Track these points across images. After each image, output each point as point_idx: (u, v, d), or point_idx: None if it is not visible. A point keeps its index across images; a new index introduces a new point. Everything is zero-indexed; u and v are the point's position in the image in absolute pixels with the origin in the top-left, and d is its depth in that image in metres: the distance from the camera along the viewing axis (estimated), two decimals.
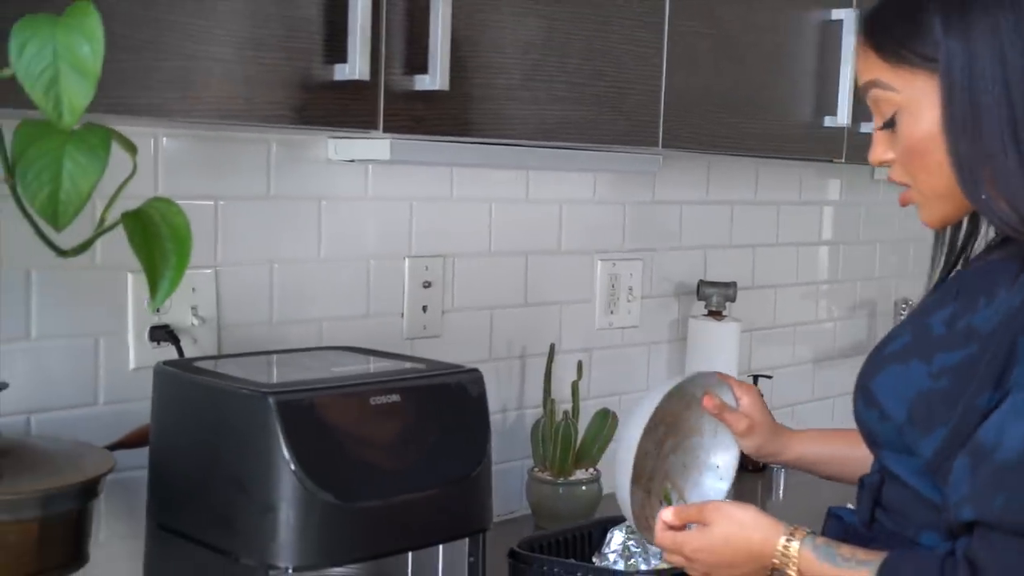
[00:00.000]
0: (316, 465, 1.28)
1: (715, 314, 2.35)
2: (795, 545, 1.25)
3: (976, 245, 1.34)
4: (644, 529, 1.51)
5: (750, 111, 1.84)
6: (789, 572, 1.25)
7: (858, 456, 1.40)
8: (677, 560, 1.36)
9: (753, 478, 2.40)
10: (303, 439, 1.27)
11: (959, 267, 1.34)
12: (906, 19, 1.22)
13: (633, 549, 1.66)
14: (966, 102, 1.18)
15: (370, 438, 1.34)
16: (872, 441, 1.28)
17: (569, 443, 1.99)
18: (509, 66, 1.48)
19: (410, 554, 1.49)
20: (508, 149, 1.64)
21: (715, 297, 2.35)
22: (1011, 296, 1.17)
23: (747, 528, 1.29)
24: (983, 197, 1.19)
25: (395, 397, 1.35)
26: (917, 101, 1.22)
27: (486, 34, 1.45)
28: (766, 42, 1.85)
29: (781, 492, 2.37)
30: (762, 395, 1.59)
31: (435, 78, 1.36)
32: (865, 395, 1.26)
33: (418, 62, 1.37)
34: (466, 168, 1.95)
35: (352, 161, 1.76)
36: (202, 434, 1.36)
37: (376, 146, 1.62)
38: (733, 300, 2.36)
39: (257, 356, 1.57)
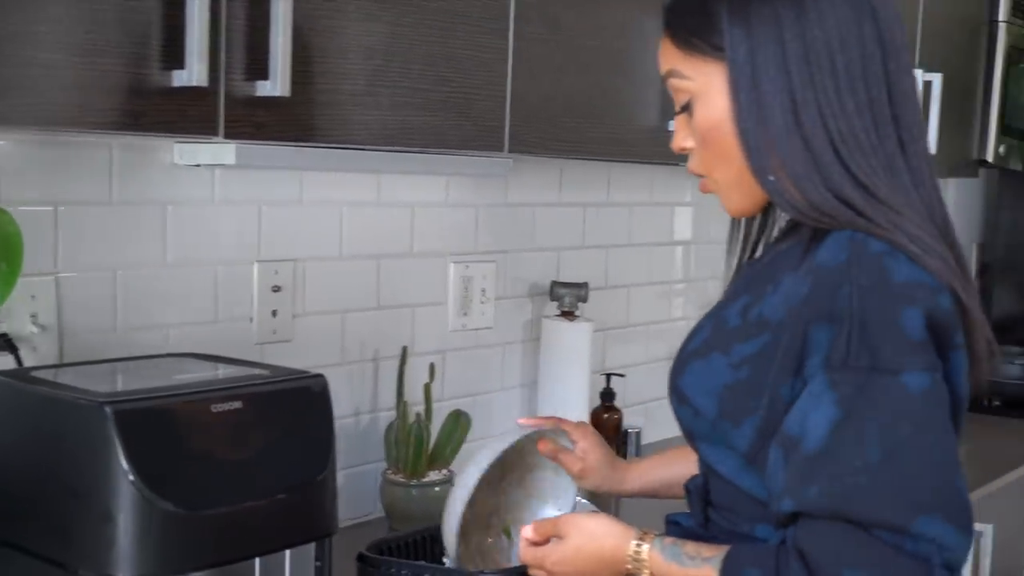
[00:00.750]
0: (156, 474, 1.27)
1: (568, 314, 2.38)
2: (645, 548, 1.27)
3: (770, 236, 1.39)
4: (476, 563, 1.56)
5: (596, 116, 1.87)
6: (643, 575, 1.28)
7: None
8: (541, 575, 1.38)
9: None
10: (142, 448, 1.26)
11: (750, 258, 1.39)
12: (697, 10, 1.27)
13: None
14: (750, 88, 1.23)
15: (212, 445, 1.33)
16: (691, 436, 1.33)
17: (421, 445, 2.00)
18: (352, 72, 1.49)
19: (257, 560, 1.48)
20: (358, 153, 1.64)
21: (568, 298, 2.38)
22: (797, 283, 1.21)
23: (598, 537, 1.31)
24: (771, 179, 1.25)
25: (237, 404, 1.35)
26: (708, 89, 1.27)
27: (328, 40, 1.45)
28: (611, 47, 1.88)
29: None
30: (597, 423, 1.63)
31: (276, 84, 1.36)
32: (677, 394, 1.31)
33: (259, 68, 1.37)
34: (316, 171, 1.94)
35: (198, 165, 1.74)
36: (39, 446, 1.34)
37: (221, 150, 1.61)
38: (585, 300, 2.40)
39: (99, 364, 1.55)
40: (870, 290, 1.16)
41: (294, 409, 1.42)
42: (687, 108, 1.30)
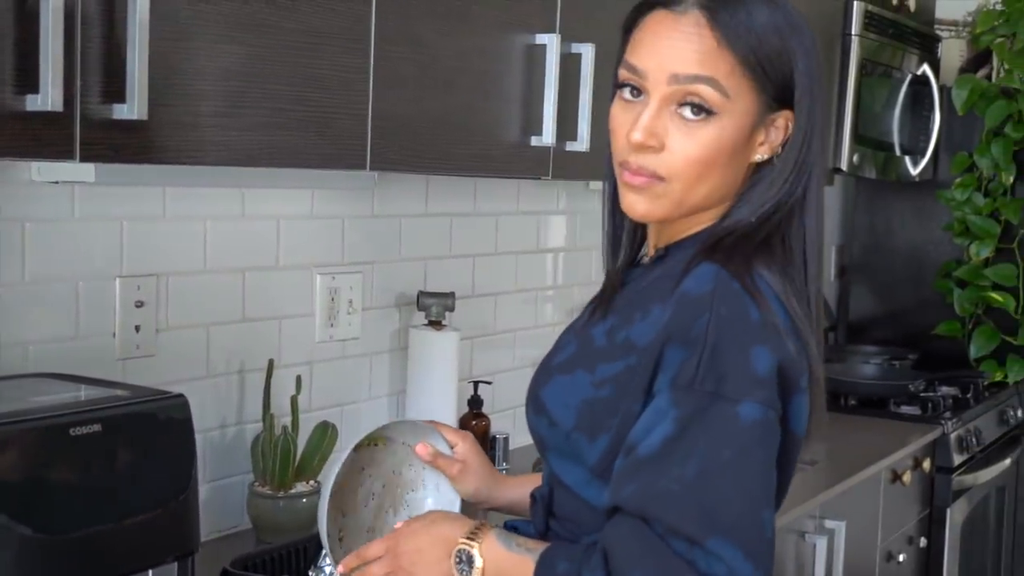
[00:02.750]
0: (13, 499, 1.26)
1: (435, 324, 2.41)
2: (483, 530, 1.33)
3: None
4: None
5: (458, 133, 1.90)
6: (473, 551, 1.31)
7: None
8: (377, 568, 1.40)
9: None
10: None
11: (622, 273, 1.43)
12: (776, 48, 1.29)
13: None
14: (803, 142, 1.31)
15: (71, 469, 1.33)
16: (542, 446, 1.38)
17: (288, 457, 2.02)
18: (211, 93, 1.49)
19: None
20: (221, 168, 1.65)
21: (435, 307, 2.41)
22: (664, 311, 1.27)
23: (438, 518, 1.38)
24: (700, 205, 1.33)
25: (96, 427, 1.35)
26: (739, 117, 1.28)
27: (186, 62, 1.46)
28: (473, 66, 1.92)
29: None
30: (474, 426, 1.65)
31: (133, 107, 1.36)
32: (535, 403, 1.36)
33: (115, 91, 1.37)
34: (180, 186, 1.94)
35: (57, 183, 1.73)
36: None
37: (80, 168, 1.60)
38: (452, 309, 2.43)
39: None
40: (728, 322, 1.22)
41: (155, 430, 1.43)
42: (696, 120, 1.27)
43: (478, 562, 1.30)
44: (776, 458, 1.24)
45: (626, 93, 1.31)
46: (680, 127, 1.28)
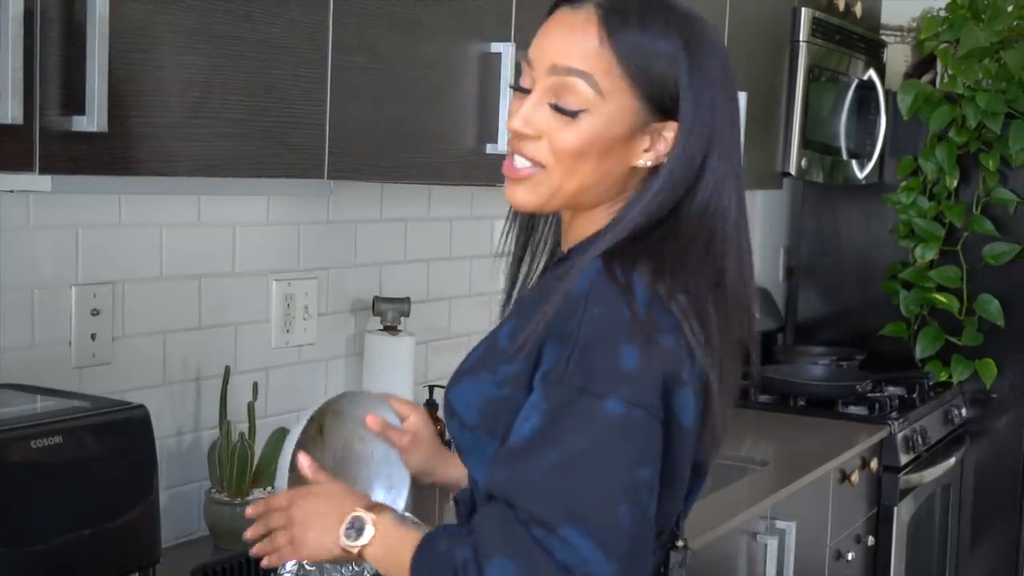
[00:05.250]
0: None
1: (390, 329, 2.43)
2: (382, 508, 1.37)
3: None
4: None
5: (414, 142, 1.92)
6: (366, 520, 1.34)
7: None
8: (276, 518, 1.42)
9: (429, 488, 2.48)
10: None
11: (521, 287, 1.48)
12: (658, 52, 1.31)
13: (308, 568, 1.71)
14: (685, 147, 1.32)
15: (32, 481, 1.33)
16: (458, 448, 1.41)
17: (245, 463, 2.02)
18: (170, 104, 1.50)
19: None
20: (178, 178, 1.65)
21: (390, 313, 2.42)
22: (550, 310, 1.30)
23: (338, 491, 1.40)
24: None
25: (57, 439, 1.35)
26: (615, 112, 1.31)
27: (145, 73, 1.46)
28: (428, 75, 1.93)
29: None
30: (429, 415, 1.67)
31: (92, 119, 1.37)
32: (447, 406, 1.39)
33: (75, 103, 1.37)
34: (136, 193, 1.94)
35: (12, 192, 1.73)
36: None
37: (37, 178, 1.60)
38: (408, 315, 2.44)
39: None
40: (600, 320, 1.26)
41: (115, 441, 1.43)
42: (568, 112, 1.31)
43: (369, 531, 1.33)
44: (658, 452, 1.26)
45: (524, 83, 1.36)
46: (555, 117, 1.32)
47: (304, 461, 1.44)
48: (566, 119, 1.31)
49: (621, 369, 1.24)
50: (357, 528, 1.34)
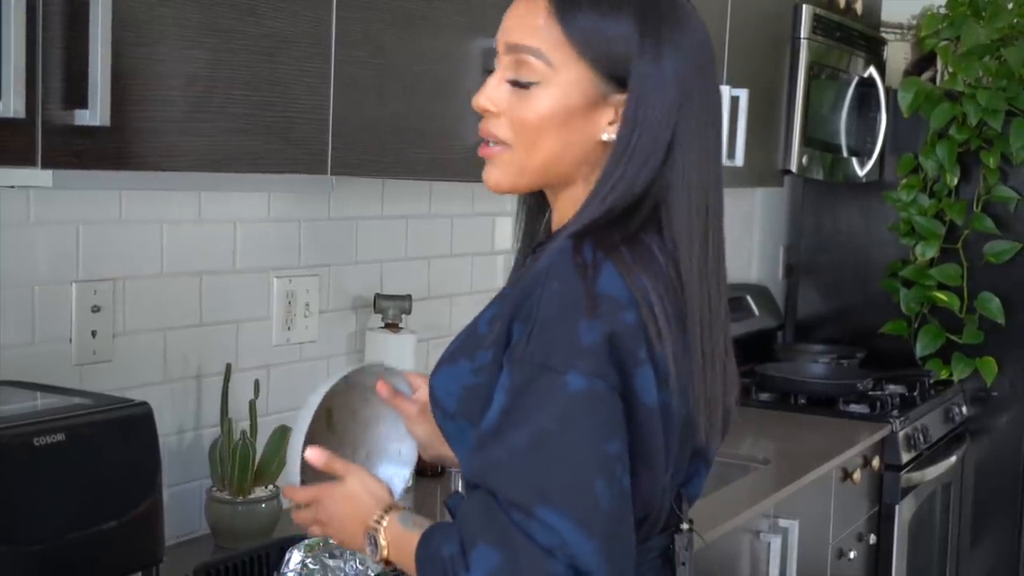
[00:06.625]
0: None
1: (392, 326, 2.41)
2: (389, 515, 1.37)
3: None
4: None
5: (417, 138, 1.90)
6: (379, 535, 1.37)
7: None
8: (306, 513, 1.44)
9: (431, 482, 2.48)
10: None
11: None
12: (609, 24, 1.31)
13: (311, 566, 1.70)
14: (636, 119, 1.31)
15: (35, 479, 1.32)
16: (448, 440, 1.40)
17: (247, 462, 2.01)
18: (174, 99, 1.48)
19: None
20: (180, 173, 1.64)
21: (391, 310, 2.41)
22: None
23: (359, 495, 1.41)
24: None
25: (60, 436, 1.34)
26: (567, 85, 1.32)
27: (148, 67, 1.45)
28: (432, 70, 1.92)
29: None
30: None
31: (95, 113, 1.35)
32: (431, 394, 1.39)
33: (77, 97, 1.36)
34: (137, 189, 1.93)
35: (12, 187, 1.71)
36: None
37: (38, 173, 1.58)
38: (409, 312, 2.43)
39: None
40: (558, 295, 1.25)
41: (118, 439, 1.42)
42: (523, 85, 1.33)
43: (382, 543, 1.36)
44: (621, 425, 1.25)
45: (495, 67, 1.38)
46: (513, 93, 1.34)
47: (314, 455, 1.43)
48: (523, 93, 1.33)
49: (580, 343, 1.23)
50: (374, 543, 1.37)
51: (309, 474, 1.51)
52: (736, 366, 1.42)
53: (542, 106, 1.33)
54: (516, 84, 1.34)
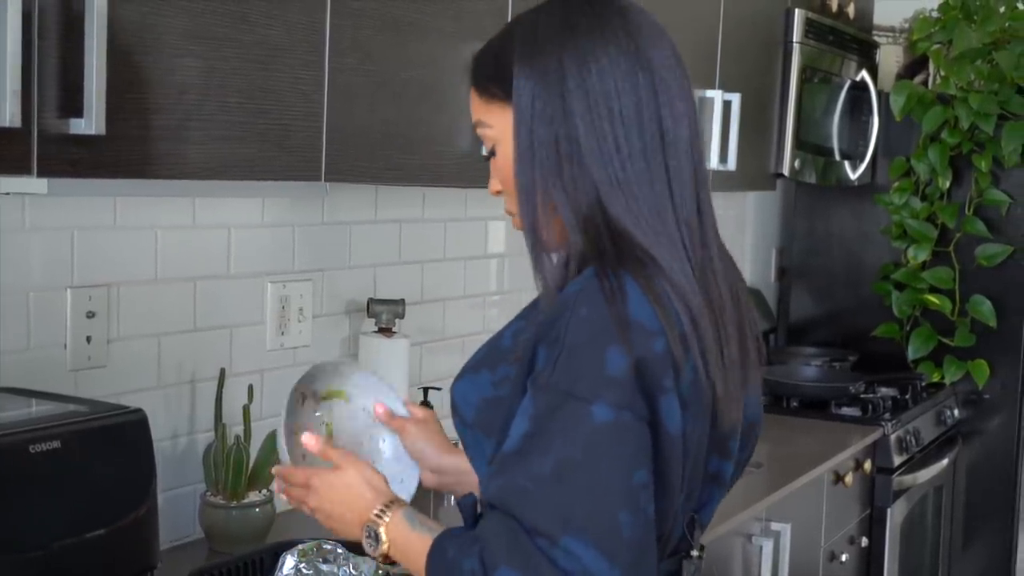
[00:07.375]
0: None
1: (385, 331, 2.42)
2: (391, 509, 1.37)
3: None
4: None
5: (409, 145, 1.91)
6: (380, 530, 1.36)
7: None
8: (298, 492, 1.45)
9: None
10: None
11: None
12: (493, 61, 1.36)
13: (305, 571, 1.71)
14: (528, 133, 1.31)
15: (30, 486, 1.33)
16: (463, 447, 1.41)
17: (241, 466, 2.01)
18: (169, 107, 1.49)
19: None
20: (173, 180, 1.65)
21: (385, 314, 2.42)
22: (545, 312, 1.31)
23: (364, 485, 1.40)
24: (537, 217, 1.33)
25: (56, 443, 1.34)
26: (505, 135, 1.35)
27: (144, 76, 1.46)
28: (424, 77, 1.93)
29: (452, 500, 2.47)
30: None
31: (91, 122, 1.36)
32: (451, 401, 1.40)
33: (73, 106, 1.36)
34: (131, 195, 1.93)
35: (7, 194, 1.72)
36: None
37: (33, 181, 1.59)
38: (402, 316, 2.44)
39: None
40: (586, 322, 1.24)
41: (114, 445, 1.42)
42: (493, 155, 1.38)
43: (383, 539, 1.36)
44: (648, 454, 1.24)
45: None
46: (493, 166, 1.40)
47: (309, 439, 1.44)
48: (495, 161, 1.38)
49: (607, 373, 1.22)
50: (374, 536, 1.37)
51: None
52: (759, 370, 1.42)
53: (508, 163, 1.36)
54: (489, 157, 1.39)
